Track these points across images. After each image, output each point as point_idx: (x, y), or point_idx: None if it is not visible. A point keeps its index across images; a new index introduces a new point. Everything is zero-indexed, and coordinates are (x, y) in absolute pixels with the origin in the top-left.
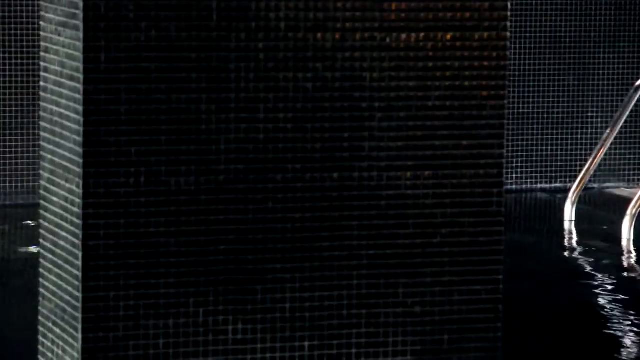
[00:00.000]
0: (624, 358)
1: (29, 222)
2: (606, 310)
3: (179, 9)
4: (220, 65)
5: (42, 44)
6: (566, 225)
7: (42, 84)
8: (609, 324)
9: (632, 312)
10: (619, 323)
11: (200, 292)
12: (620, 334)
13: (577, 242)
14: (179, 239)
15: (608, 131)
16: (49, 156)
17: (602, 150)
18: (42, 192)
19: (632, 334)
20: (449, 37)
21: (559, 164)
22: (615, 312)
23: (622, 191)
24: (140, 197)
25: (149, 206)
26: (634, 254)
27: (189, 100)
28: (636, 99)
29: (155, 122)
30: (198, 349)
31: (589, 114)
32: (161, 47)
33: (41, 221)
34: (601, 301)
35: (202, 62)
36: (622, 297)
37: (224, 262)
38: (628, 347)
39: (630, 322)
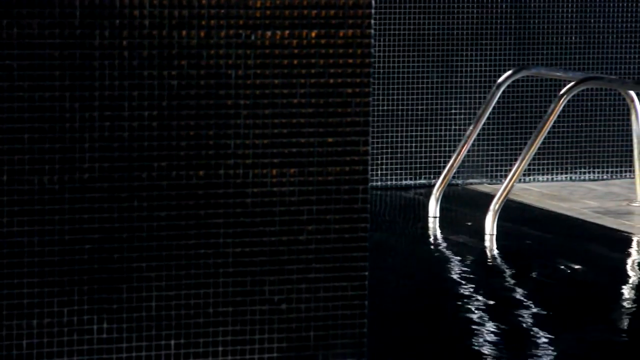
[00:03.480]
0: (483, 350)
1: None
2: (469, 303)
3: (42, 6)
4: (84, 62)
5: None
6: (430, 221)
7: None
8: (470, 317)
9: (491, 302)
10: (480, 315)
11: (64, 291)
12: (480, 326)
13: (441, 238)
14: (43, 238)
15: (471, 128)
16: None
17: (465, 147)
18: None
19: (489, 326)
20: (313, 34)
21: (423, 160)
22: (477, 305)
23: (485, 187)
24: (3, 196)
25: (12, 205)
26: (496, 249)
27: (52, 98)
28: (498, 96)
29: (17, 120)
30: (62, 349)
31: (453, 111)
32: (23, 45)
33: None
34: (463, 295)
35: (65, 60)
36: (484, 290)
37: (88, 261)
38: (486, 338)
39: (488, 314)
